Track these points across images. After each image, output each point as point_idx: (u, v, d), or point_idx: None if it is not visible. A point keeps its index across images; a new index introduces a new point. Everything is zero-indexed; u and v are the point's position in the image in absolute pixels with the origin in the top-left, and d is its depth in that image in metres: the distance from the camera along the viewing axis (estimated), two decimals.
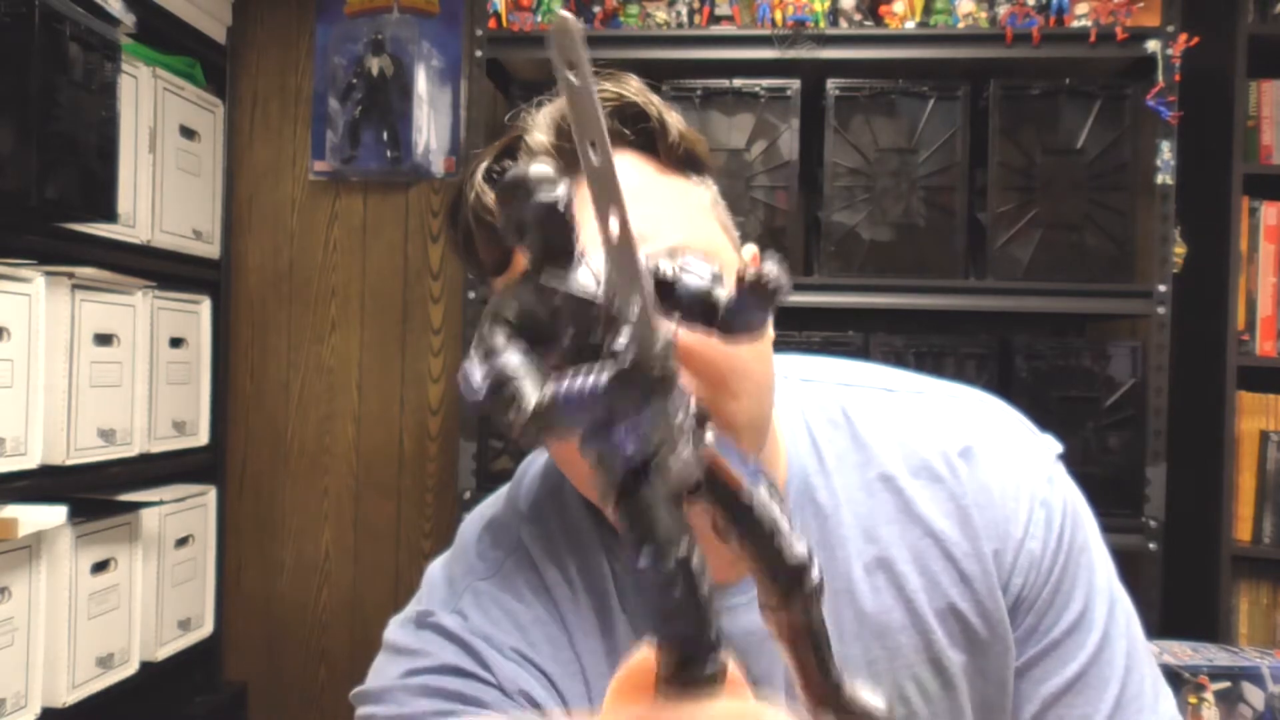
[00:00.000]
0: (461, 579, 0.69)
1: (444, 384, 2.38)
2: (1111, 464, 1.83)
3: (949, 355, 1.87)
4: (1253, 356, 1.96)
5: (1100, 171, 1.84)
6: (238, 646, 2.41)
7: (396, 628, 0.69)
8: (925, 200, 1.87)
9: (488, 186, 0.64)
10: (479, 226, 0.64)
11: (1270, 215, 1.99)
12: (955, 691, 0.64)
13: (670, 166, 0.65)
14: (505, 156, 0.64)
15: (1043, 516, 0.66)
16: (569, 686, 0.64)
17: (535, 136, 0.62)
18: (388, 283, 2.41)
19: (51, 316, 1.69)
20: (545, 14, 1.95)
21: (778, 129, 1.87)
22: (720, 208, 0.68)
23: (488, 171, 0.64)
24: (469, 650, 0.64)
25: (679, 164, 0.65)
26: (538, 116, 0.64)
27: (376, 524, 2.40)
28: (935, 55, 1.87)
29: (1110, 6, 1.83)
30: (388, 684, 0.64)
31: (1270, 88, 2.00)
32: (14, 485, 1.63)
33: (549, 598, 0.67)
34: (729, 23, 1.96)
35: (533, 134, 0.62)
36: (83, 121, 1.67)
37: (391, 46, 2.36)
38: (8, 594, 1.62)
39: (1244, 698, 1.68)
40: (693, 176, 0.66)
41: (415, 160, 2.35)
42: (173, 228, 2.10)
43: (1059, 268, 1.84)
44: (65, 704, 1.72)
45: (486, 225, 0.64)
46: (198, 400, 2.22)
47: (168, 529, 2.06)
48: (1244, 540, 1.94)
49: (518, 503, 0.73)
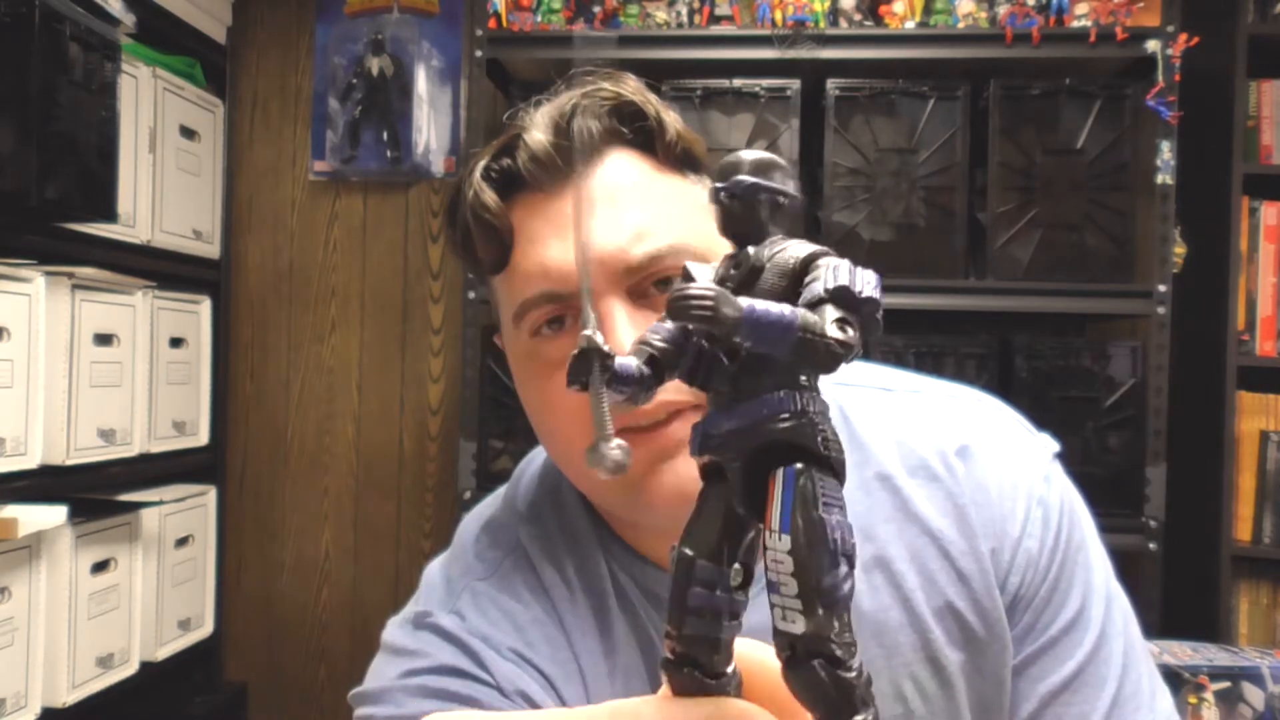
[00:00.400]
0: (459, 579, 0.69)
1: (444, 384, 2.38)
2: (1111, 464, 1.83)
3: (949, 355, 1.87)
4: (1253, 356, 1.96)
5: (1100, 171, 1.84)
6: (238, 646, 2.41)
7: (395, 628, 0.69)
8: (925, 200, 1.87)
9: (486, 185, 0.64)
10: (478, 225, 0.64)
11: (1270, 215, 1.99)
12: (953, 690, 0.64)
13: (668, 165, 0.65)
14: (504, 155, 0.64)
15: (1040, 515, 0.66)
16: (567, 686, 0.64)
17: (534, 135, 0.62)
18: (388, 283, 2.41)
19: (51, 316, 1.69)
20: (545, 14, 1.95)
21: (778, 129, 1.87)
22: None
23: (485, 170, 0.64)
24: (467, 651, 0.64)
25: (676, 163, 0.66)
26: (536, 115, 0.64)
27: (376, 524, 2.40)
28: (935, 55, 1.87)
29: (1110, 6, 1.83)
30: (386, 685, 0.64)
31: (1270, 88, 2.00)
32: (14, 485, 1.63)
33: (547, 598, 0.67)
34: (729, 23, 1.96)
35: (531, 133, 0.63)
36: (83, 121, 1.67)
37: (391, 46, 2.36)
38: (8, 594, 1.62)
39: (1244, 698, 1.68)
40: (690, 175, 0.67)
41: (415, 160, 2.35)
42: (173, 228, 2.10)
43: (1059, 268, 1.84)
44: (65, 704, 1.72)
45: (485, 224, 0.64)
46: (198, 400, 2.22)
47: (168, 529, 2.06)
48: (1244, 540, 1.94)
49: (516, 503, 0.73)
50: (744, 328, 0.31)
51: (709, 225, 0.66)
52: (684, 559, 0.35)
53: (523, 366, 0.66)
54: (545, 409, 0.65)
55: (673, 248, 0.61)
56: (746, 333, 0.31)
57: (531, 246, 0.62)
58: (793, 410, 0.33)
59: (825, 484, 0.32)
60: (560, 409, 0.63)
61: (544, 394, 0.64)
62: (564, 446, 0.65)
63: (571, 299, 0.61)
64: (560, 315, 0.62)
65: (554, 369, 0.62)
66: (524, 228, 0.63)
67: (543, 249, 0.62)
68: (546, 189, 0.63)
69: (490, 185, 0.64)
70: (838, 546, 0.31)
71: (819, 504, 0.32)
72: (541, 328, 0.63)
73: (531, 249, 0.62)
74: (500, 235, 0.64)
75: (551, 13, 1.95)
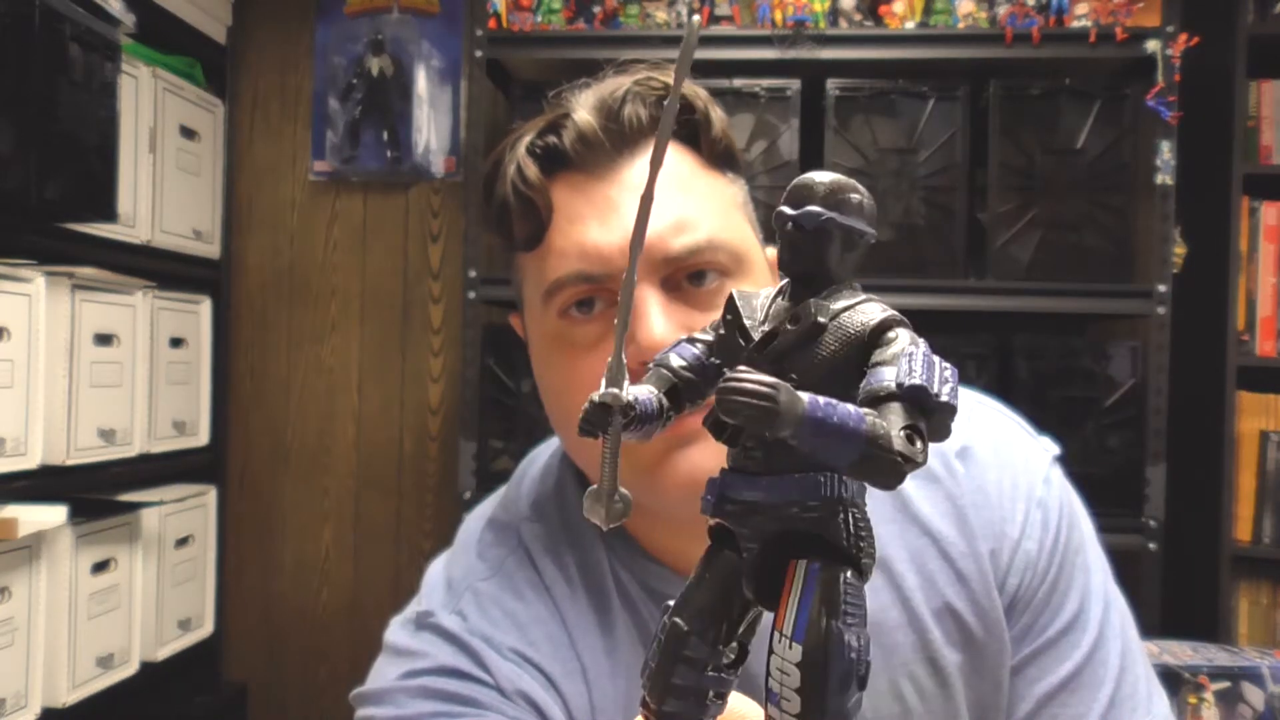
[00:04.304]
0: (461, 580, 0.69)
1: (444, 384, 2.38)
2: (1111, 464, 1.83)
3: (949, 355, 1.86)
4: (1253, 356, 1.96)
5: (1100, 171, 1.84)
6: (238, 646, 2.41)
7: (397, 628, 0.69)
8: (925, 200, 1.87)
9: (530, 160, 0.63)
10: (517, 199, 0.64)
11: (1270, 215, 1.99)
12: (951, 690, 0.64)
13: (710, 162, 0.66)
14: (549, 133, 0.64)
15: (1039, 517, 0.66)
16: (569, 685, 0.64)
17: (582, 115, 0.62)
18: (388, 283, 2.41)
19: (51, 316, 1.69)
20: (545, 14, 1.95)
21: (778, 129, 1.87)
22: (749, 207, 0.69)
23: (530, 146, 0.64)
24: (468, 651, 0.64)
25: (718, 160, 0.66)
26: (583, 96, 0.64)
27: (376, 524, 2.40)
28: (935, 55, 1.87)
29: (1110, 6, 1.83)
30: (387, 685, 0.64)
31: (1270, 88, 2.00)
32: (14, 485, 1.63)
33: (548, 596, 0.67)
34: (729, 23, 1.96)
35: (579, 112, 0.62)
36: (83, 121, 1.67)
37: (391, 46, 2.36)
38: (8, 594, 1.62)
39: (1244, 698, 1.68)
40: (728, 174, 0.67)
41: (415, 160, 2.35)
42: (173, 228, 2.10)
43: (1059, 268, 1.84)
44: (65, 704, 1.72)
45: (525, 198, 0.63)
46: (198, 400, 2.22)
47: (168, 529, 2.06)
48: (1244, 540, 1.94)
49: (519, 501, 0.74)
50: (804, 432, 0.26)
51: (742, 224, 0.66)
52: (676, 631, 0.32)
53: (546, 347, 0.65)
54: (565, 391, 0.64)
55: (711, 242, 0.61)
56: (805, 438, 0.26)
57: (570, 226, 0.62)
58: (826, 497, 0.29)
59: (850, 589, 0.29)
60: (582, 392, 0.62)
61: (566, 376, 0.64)
62: None
63: (605, 281, 0.61)
64: (590, 297, 0.62)
65: (579, 351, 0.62)
66: (564, 206, 0.63)
67: (582, 228, 0.62)
68: (590, 170, 0.62)
69: (534, 161, 0.64)
70: (852, 668, 0.28)
71: (840, 614, 0.28)
72: (571, 309, 0.62)
73: (570, 228, 0.62)
74: (539, 211, 0.63)
75: (551, 13, 1.95)
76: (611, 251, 0.60)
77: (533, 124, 0.65)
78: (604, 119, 0.62)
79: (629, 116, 0.62)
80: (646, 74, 0.64)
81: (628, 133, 0.62)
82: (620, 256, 0.60)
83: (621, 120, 0.62)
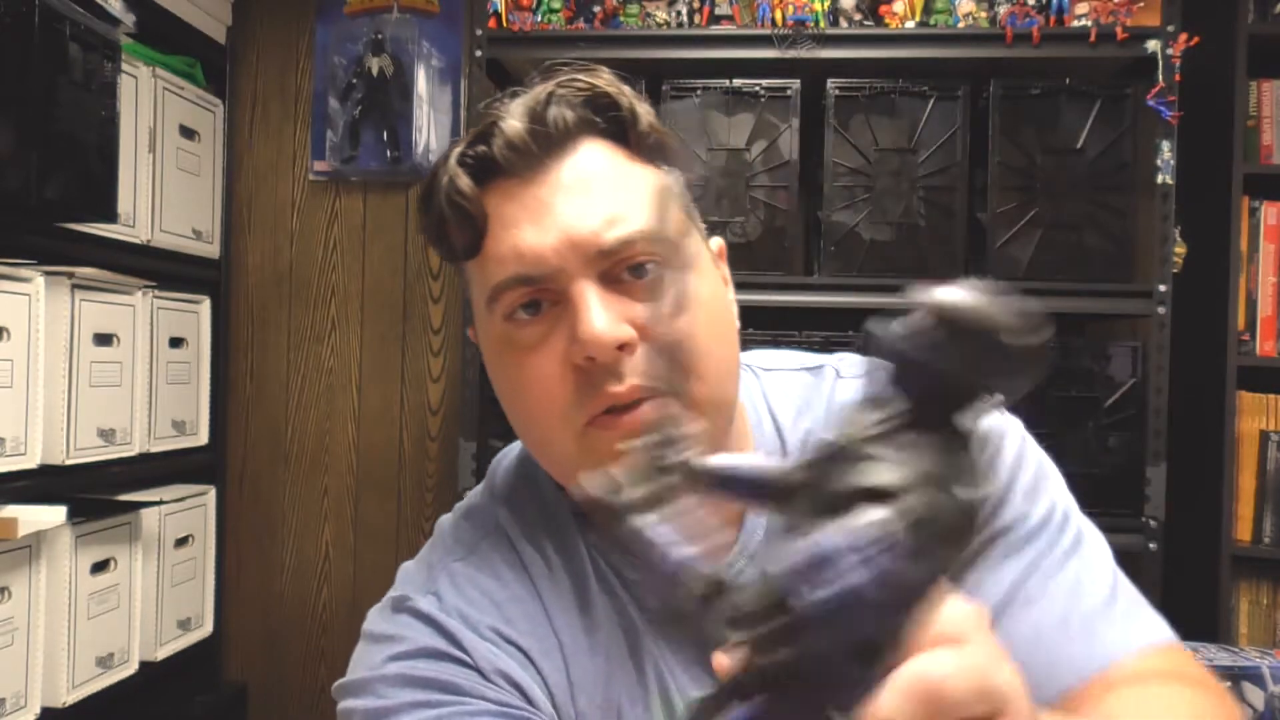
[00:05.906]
0: (438, 563, 0.71)
1: (444, 384, 2.38)
2: (1111, 464, 1.83)
3: None
4: (1253, 356, 1.96)
5: (1100, 171, 1.84)
6: (238, 646, 2.41)
7: (374, 615, 0.70)
8: (925, 200, 1.87)
9: (461, 171, 0.64)
10: (452, 210, 0.65)
11: (1270, 215, 1.99)
12: None
13: (639, 155, 0.67)
14: (479, 143, 0.65)
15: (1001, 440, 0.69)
16: (546, 662, 0.65)
17: (510, 123, 0.63)
18: (388, 283, 2.41)
19: (51, 316, 1.69)
20: (545, 14, 1.95)
21: (778, 129, 1.87)
22: (686, 198, 0.70)
23: (460, 157, 0.65)
24: (443, 632, 0.65)
25: (648, 153, 0.67)
26: (512, 105, 0.65)
27: (376, 524, 2.40)
28: (935, 55, 1.87)
29: (1110, 6, 1.83)
30: (366, 675, 0.65)
31: (1270, 88, 2.00)
32: (14, 485, 1.63)
33: (526, 575, 0.68)
34: (729, 22, 1.96)
35: (507, 120, 0.63)
36: (83, 121, 1.67)
37: (391, 46, 2.36)
38: (8, 594, 1.62)
39: (1244, 698, 1.68)
40: (661, 166, 0.68)
41: (415, 160, 2.35)
42: (172, 228, 2.10)
43: (1059, 268, 1.84)
44: (65, 704, 1.72)
45: (459, 209, 0.64)
46: (197, 400, 2.22)
47: (167, 529, 2.06)
48: (1244, 540, 1.94)
49: (494, 490, 0.75)
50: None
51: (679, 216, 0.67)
52: None
53: (496, 352, 0.66)
54: (518, 393, 0.65)
55: (644, 233, 0.62)
56: None
57: (505, 231, 0.63)
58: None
59: None
60: (533, 393, 0.63)
61: (517, 379, 0.64)
62: (538, 431, 0.65)
63: (544, 282, 0.62)
64: (534, 300, 0.63)
65: (527, 353, 0.63)
66: (498, 213, 0.64)
67: (517, 233, 0.62)
68: (521, 174, 0.63)
69: (465, 171, 0.65)
70: None
71: None
72: (515, 312, 0.63)
73: (505, 233, 0.63)
74: (474, 221, 0.64)
75: (551, 13, 1.95)
76: (546, 252, 0.61)
77: (464, 137, 0.67)
78: (530, 123, 0.63)
79: (554, 118, 0.63)
80: (570, 75, 0.65)
81: (554, 134, 0.63)
82: (555, 256, 0.61)
83: (547, 123, 0.63)
